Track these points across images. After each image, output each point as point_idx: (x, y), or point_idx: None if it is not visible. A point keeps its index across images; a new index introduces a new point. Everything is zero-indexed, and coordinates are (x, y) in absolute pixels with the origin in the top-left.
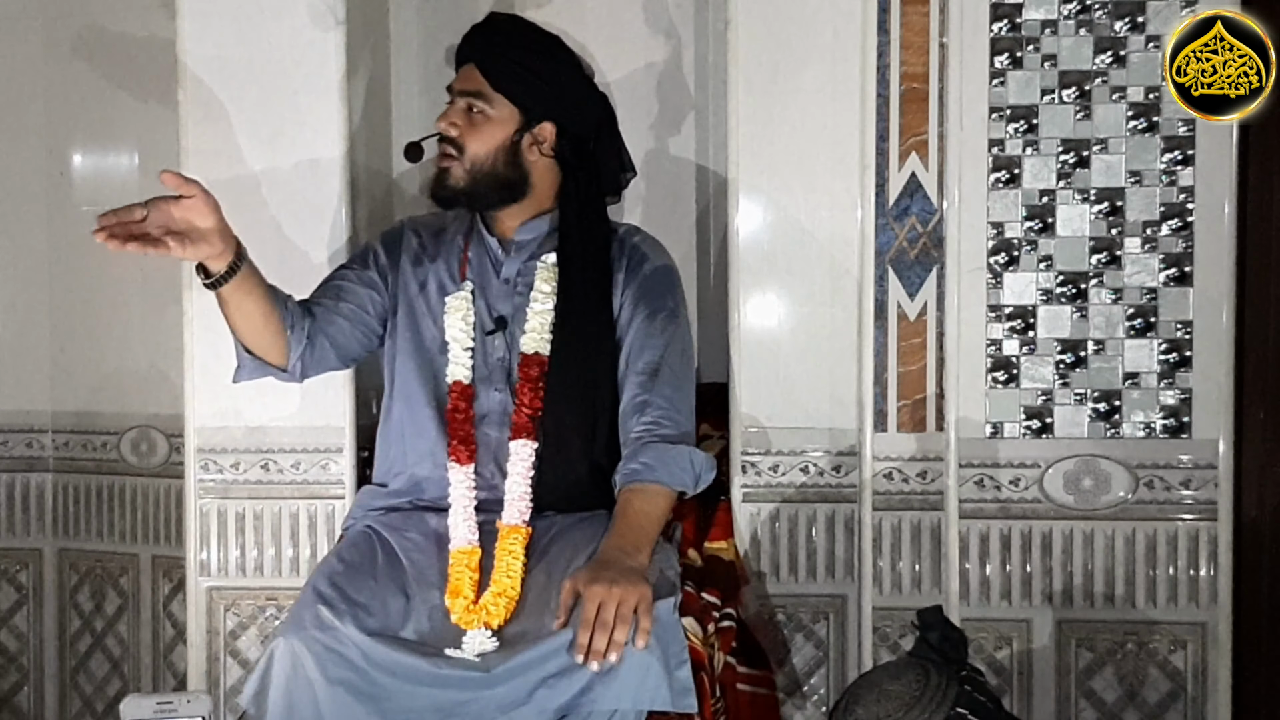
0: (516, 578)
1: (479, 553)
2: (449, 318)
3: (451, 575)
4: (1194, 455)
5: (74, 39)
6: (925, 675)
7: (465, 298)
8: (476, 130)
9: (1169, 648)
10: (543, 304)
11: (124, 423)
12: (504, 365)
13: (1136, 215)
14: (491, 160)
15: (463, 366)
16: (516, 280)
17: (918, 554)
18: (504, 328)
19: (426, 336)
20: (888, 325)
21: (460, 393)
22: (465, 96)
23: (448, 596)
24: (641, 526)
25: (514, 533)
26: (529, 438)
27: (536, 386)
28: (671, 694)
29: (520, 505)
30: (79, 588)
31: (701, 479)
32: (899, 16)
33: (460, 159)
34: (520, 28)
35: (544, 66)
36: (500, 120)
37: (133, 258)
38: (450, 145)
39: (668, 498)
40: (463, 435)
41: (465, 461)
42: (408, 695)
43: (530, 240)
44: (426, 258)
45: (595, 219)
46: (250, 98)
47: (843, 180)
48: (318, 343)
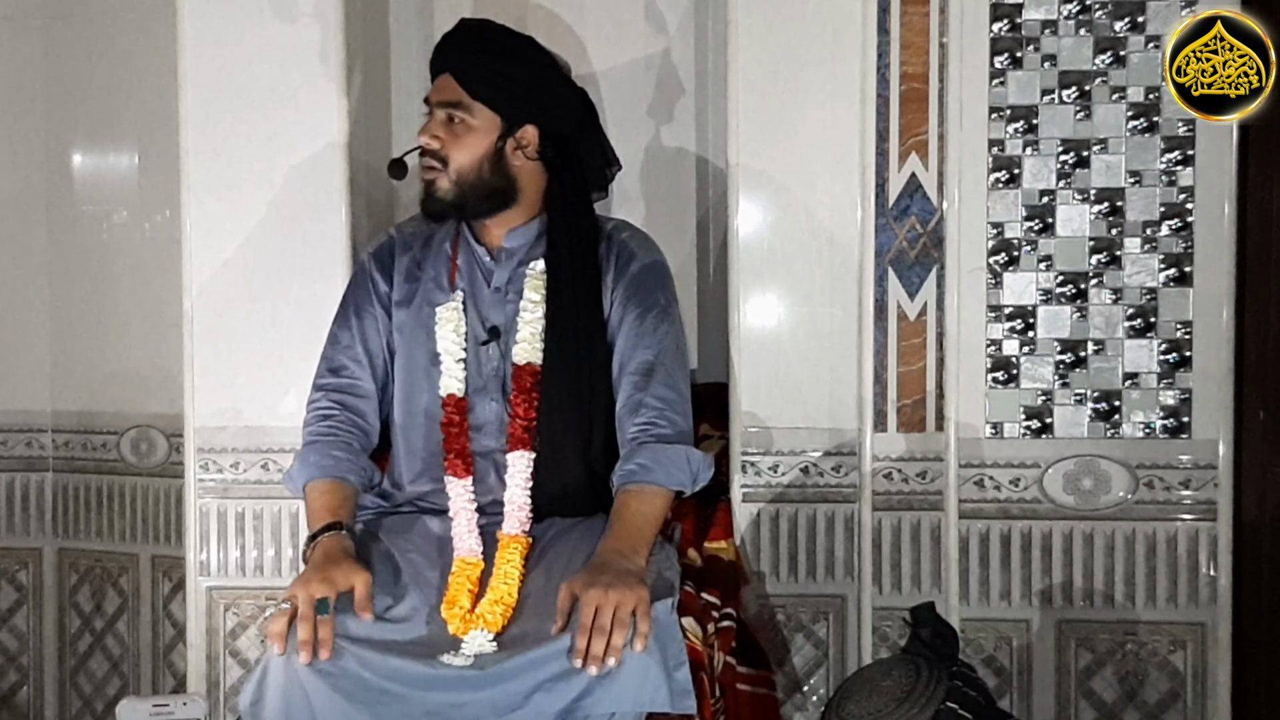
0: (514, 585)
1: (482, 565)
2: (440, 329)
3: (451, 584)
4: (1194, 455)
5: (74, 39)
6: (916, 671)
7: (456, 308)
8: (459, 141)
9: (1168, 648)
10: (533, 312)
11: (124, 422)
12: (498, 375)
13: (1136, 215)
14: (477, 169)
15: (455, 379)
16: (507, 288)
17: (917, 554)
18: (497, 337)
19: (421, 349)
20: (888, 325)
21: (454, 406)
22: (444, 107)
23: (444, 607)
24: (638, 528)
25: (514, 543)
26: (525, 449)
27: (530, 397)
28: (670, 695)
29: (520, 515)
30: (79, 587)
31: (699, 478)
32: (899, 16)
33: (445, 170)
34: (492, 32)
35: (520, 70)
36: (482, 128)
37: (132, 257)
38: (433, 158)
39: (665, 498)
40: (458, 449)
41: (463, 475)
42: (403, 699)
43: (519, 247)
44: (418, 269)
45: (583, 220)
46: (250, 98)
47: (843, 180)
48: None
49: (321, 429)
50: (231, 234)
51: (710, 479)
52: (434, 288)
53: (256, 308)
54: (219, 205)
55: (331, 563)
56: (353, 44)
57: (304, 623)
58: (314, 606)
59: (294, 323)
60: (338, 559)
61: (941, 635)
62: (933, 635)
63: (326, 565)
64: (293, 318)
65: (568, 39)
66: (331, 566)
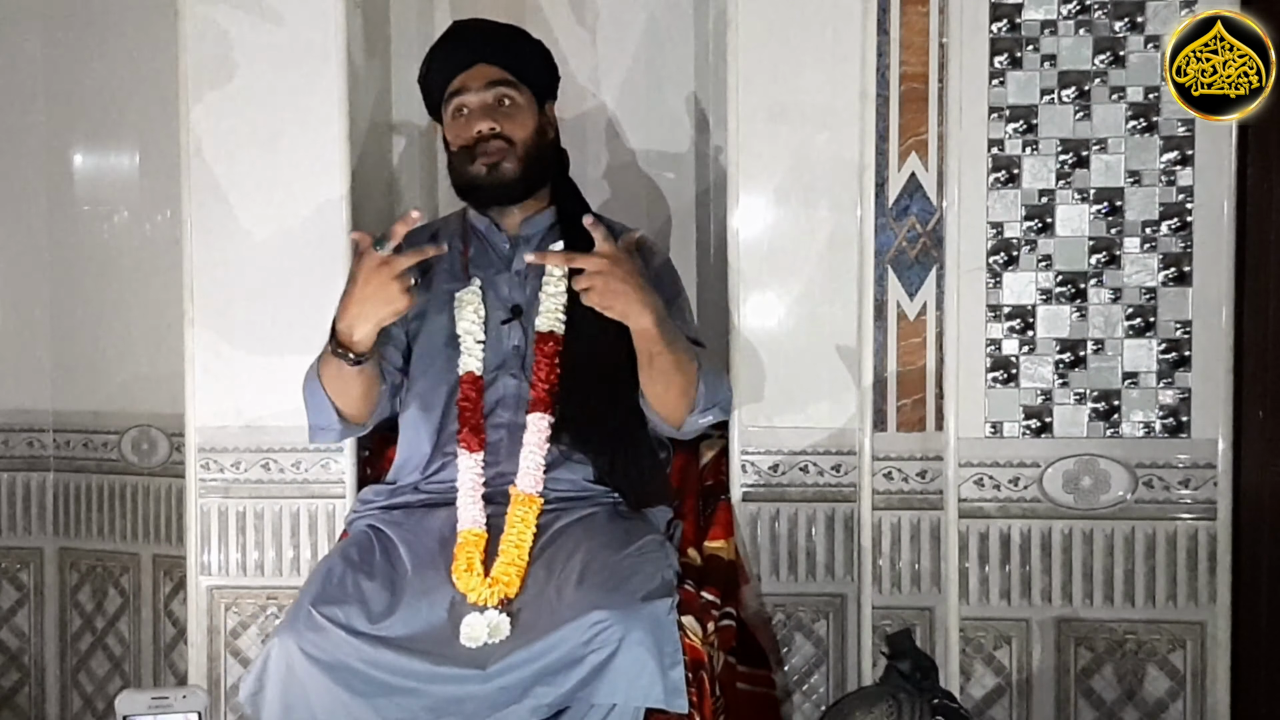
0: (525, 546)
1: (485, 537)
2: (460, 311)
3: (458, 555)
4: (1193, 455)
5: (74, 39)
6: (898, 707)
7: (475, 292)
8: (513, 119)
9: (1168, 647)
10: (556, 287)
11: (125, 422)
12: (519, 352)
13: (1135, 215)
14: (536, 144)
15: (474, 358)
16: (527, 271)
17: (917, 553)
18: (520, 315)
19: (437, 334)
20: (887, 325)
21: (471, 383)
22: (492, 88)
23: (455, 574)
24: (676, 339)
25: (527, 501)
26: (545, 411)
27: (553, 363)
28: (665, 693)
29: (535, 475)
30: (80, 587)
31: (719, 405)
32: (899, 16)
33: (513, 148)
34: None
35: (537, 47)
36: (527, 106)
37: (132, 258)
38: (497, 140)
39: (691, 372)
40: (473, 424)
41: (475, 449)
42: (403, 693)
43: (535, 234)
44: (430, 266)
45: (588, 209)
46: (250, 98)
47: (843, 180)
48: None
49: None
50: (232, 234)
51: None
52: (447, 276)
53: (256, 308)
54: (219, 205)
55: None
56: (353, 44)
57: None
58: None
59: (294, 323)
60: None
61: (921, 667)
62: (912, 668)
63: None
64: (292, 318)
65: (568, 39)
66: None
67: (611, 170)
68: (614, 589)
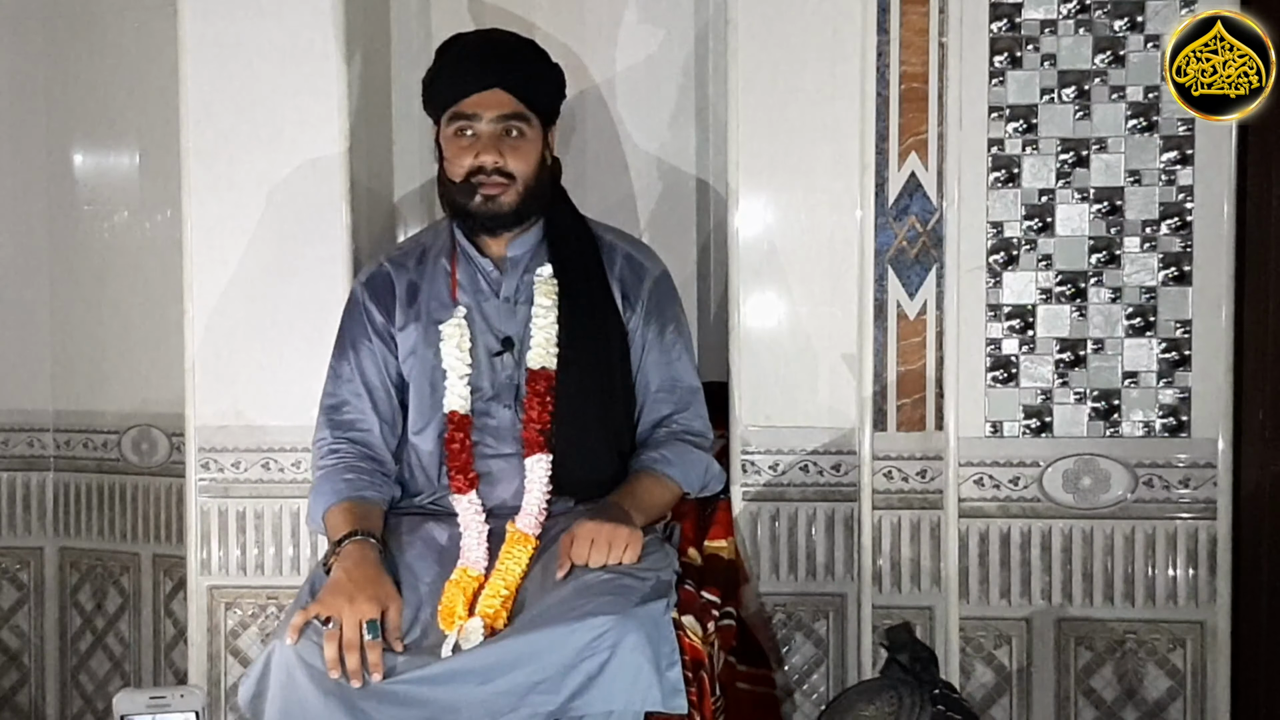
0: (514, 583)
1: (482, 580)
2: (445, 345)
3: (447, 590)
4: (1193, 454)
5: (75, 39)
6: (899, 698)
7: (459, 324)
8: (518, 152)
9: (1168, 646)
10: (546, 318)
11: (125, 422)
12: (512, 383)
13: (1135, 215)
14: (537, 178)
15: (459, 396)
16: (516, 297)
17: (917, 553)
18: (511, 348)
19: (427, 365)
20: (887, 325)
21: (457, 423)
22: (503, 121)
23: (440, 618)
24: (645, 502)
25: (523, 540)
26: (541, 451)
27: (544, 402)
28: (662, 694)
29: (536, 518)
30: (80, 586)
31: (709, 487)
32: (899, 16)
33: (513, 184)
34: (520, 40)
35: (551, 72)
36: (535, 137)
37: (132, 257)
38: (499, 175)
39: (674, 494)
40: (460, 465)
41: (465, 490)
42: (398, 701)
43: (523, 255)
44: (416, 289)
45: (580, 222)
46: (250, 98)
47: (843, 180)
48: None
49: (330, 461)
50: (232, 234)
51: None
52: (436, 304)
53: (256, 307)
54: (219, 205)
55: (371, 581)
56: (353, 44)
57: (354, 651)
58: (363, 630)
59: (294, 322)
60: (375, 575)
61: (920, 659)
62: (912, 660)
63: (366, 582)
64: (293, 317)
65: (568, 39)
66: (372, 585)
67: (611, 170)
68: (610, 593)
